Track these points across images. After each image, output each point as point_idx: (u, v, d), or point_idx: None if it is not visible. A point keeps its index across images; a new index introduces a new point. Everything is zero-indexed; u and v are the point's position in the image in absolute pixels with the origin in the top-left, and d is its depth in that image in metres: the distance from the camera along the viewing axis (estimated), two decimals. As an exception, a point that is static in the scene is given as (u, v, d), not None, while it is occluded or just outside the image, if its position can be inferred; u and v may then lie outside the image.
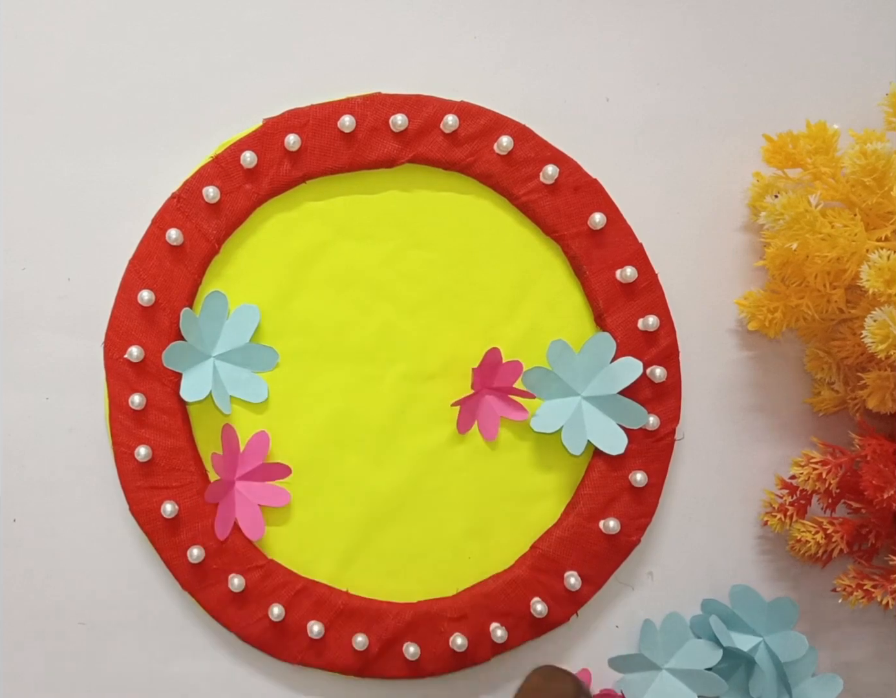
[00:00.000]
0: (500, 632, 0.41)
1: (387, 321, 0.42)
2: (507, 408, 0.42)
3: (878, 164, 0.37)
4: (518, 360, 0.42)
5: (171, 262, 0.41)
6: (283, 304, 0.42)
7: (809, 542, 0.40)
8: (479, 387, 0.42)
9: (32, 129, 0.42)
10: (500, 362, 0.41)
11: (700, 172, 0.44)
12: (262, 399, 0.41)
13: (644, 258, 0.42)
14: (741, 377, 0.44)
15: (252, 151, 0.41)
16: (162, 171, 0.42)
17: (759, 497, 0.44)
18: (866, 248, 0.38)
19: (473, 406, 0.42)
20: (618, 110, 0.44)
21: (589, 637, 0.43)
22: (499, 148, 0.41)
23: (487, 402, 0.42)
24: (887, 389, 0.40)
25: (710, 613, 0.42)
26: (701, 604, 0.43)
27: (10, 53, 0.42)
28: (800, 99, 0.44)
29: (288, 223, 0.42)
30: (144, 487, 0.41)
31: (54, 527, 0.42)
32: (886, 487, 0.38)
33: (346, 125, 0.41)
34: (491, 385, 0.42)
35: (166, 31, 0.43)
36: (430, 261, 0.42)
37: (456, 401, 0.41)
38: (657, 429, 0.42)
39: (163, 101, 0.43)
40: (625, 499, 0.42)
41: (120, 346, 0.41)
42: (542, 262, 0.43)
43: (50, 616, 0.42)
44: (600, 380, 0.41)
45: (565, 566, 0.42)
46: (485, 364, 0.41)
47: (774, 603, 0.42)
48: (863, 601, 0.40)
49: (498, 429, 0.42)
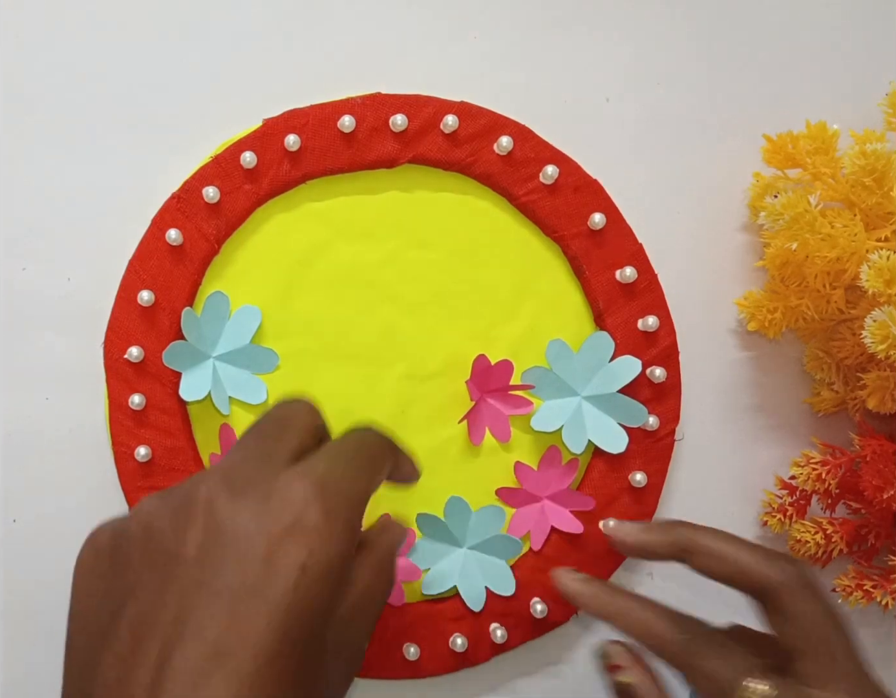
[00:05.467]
0: (500, 632, 0.41)
1: (387, 321, 0.42)
2: (512, 406, 0.42)
3: (878, 165, 0.37)
4: (507, 360, 0.42)
5: (171, 263, 0.41)
6: (282, 304, 0.42)
7: (809, 543, 0.40)
8: (478, 395, 0.42)
9: (32, 129, 0.42)
10: (490, 366, 0.41)
11: (700, 172, 0.44)
12: (261, 400, 0.41)
13: (644, 258, 0.42)
14: (741, 377, 0.44)
15: (252, 151, 0.41)
16: (162, 171, 0.42)
17: (758, 497, 0.44)
18: (866, 249, 0.38)
19: (480, 414, 0.42)
20: (618, 110, 0.44)
21: (589, 637, 0.43)
22: (499, 148, 0.41)
23: (492, 406, 0.42)
24: (887, 389, 0.40)
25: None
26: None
27: (10, 53, 0.42)
28: (800, 99, 0.44)
29: (288, 223, 0.42)
30: (144, 487, 0.41)
31: (54, 527, 0.42)
32: (886, 487, 0.38)
33: (346, 125, 0.41)
34: (487, 389, 0.42)
35: (166, 31, 0.43)
36: (430, 261, 0.42)
37: (462, 417, 0.41)
38: (657, 429, 0.42)
39: (163, 101, 0.43)
40: (625, 499, 0.42)
41: (120, 346, 0.41)
42: (542, 262, 0.43)
43: (50, 616, 0.42)
44: (600, 379, 0.41)
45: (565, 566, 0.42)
46: (475, 372, 0.41)
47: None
48: (862, 601, 0.40)
49: (510, 428, 0.42)
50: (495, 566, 0.41)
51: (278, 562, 0.25)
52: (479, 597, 0.41)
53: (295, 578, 0.25)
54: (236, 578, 0.25)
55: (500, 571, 0.41)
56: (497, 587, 0.41)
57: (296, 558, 0.25)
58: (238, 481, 0.27)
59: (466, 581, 0.41)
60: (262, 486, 0.27)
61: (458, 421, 0.41)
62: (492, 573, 0.41)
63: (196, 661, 0.24)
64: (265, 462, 0.28)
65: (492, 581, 0.41)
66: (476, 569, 0.41)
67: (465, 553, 0.41)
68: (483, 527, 0.41)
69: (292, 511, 0.26)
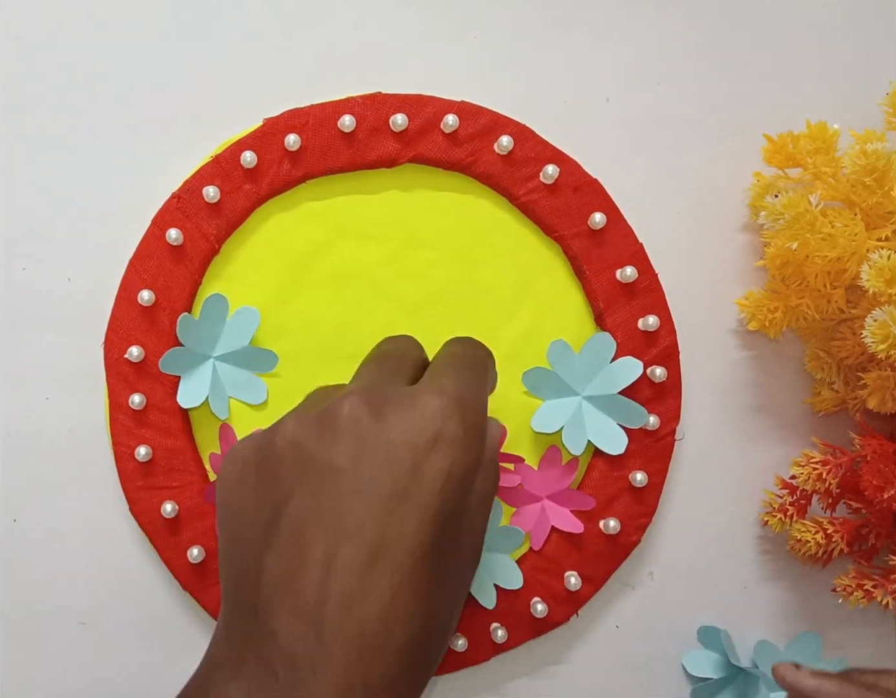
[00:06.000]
0: (500, 632, 0.41)
1: (387, 321, 0.42)
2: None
3: (879, 164, 0.37)
4: (501, 425, 0.41)
5: (172, 262, 0.41)
6: (282, 304, 0.42)
7: (809, 542, 0.40)
8: None
9: (32, 129, 0.42)
10: None
11: (700, 172, 0.44)
12: (261, 400, 0.41)
13: (644, 258, 0.42)
14: (741, 377, 0.44)
15: (252, 151, 0.41)
16: (162, 171, 0.42)
17: (759, 497, 0.44)
18: (866, 248, 0.38)
19: None
20: (618, 110, 0.44)
21: (589, 637, 0.43)
22: (499, 148, 0.41)
23: None
24: (887, 389, 0.40)
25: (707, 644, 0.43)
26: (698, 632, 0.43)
27: (10, 53, 0.42)
28: (800, 99, 0.44)
29: (288, 223, 0.42)
30: (144, 487, 0.41)
31: (54, 527, 0.42)
32: (886, 487, 0.38)
33: (347, 125, 0.41)
34: None
35: (166, 31, 0.43)
36: (430, 261, 0.42)
37: None
38: (657, 428, 0.42)
39: (163, 100, 0.43)
40: (625, 499, 0.42)
41: (120, 346, 0.41)
42: (542, 262, 0.43)
43: (50, 616, 0.42)
44: (600, 380, 0.41)
45: (565, 566, 0.42)
46: None
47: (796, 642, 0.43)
48: (863, 601, 0.40)
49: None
50: (500, 562, 0.41)
51: (425, 471, 0.28)
52: (490, 595, 0.41)
53: (441, 484, 0.28)
54: (388, 486, 0.28)
55: (505, 566, 0.41)
56: (505, 582, 0.41)
57: (441, 467, 0.28)
58: (377, 400, 0.30)
59: (475, 581, 0.41)
60: (401, 403, 0.29)
61: None
62: (498, 569, 0.41)
63: (359, 558, 0.27)
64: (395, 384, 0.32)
65: (499, 577, 0.41)
66: (481, 568, 0.41)
67: None
68: None
69: (433, 425, 0.29)
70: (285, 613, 0.27)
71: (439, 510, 0.28)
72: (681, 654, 0.43)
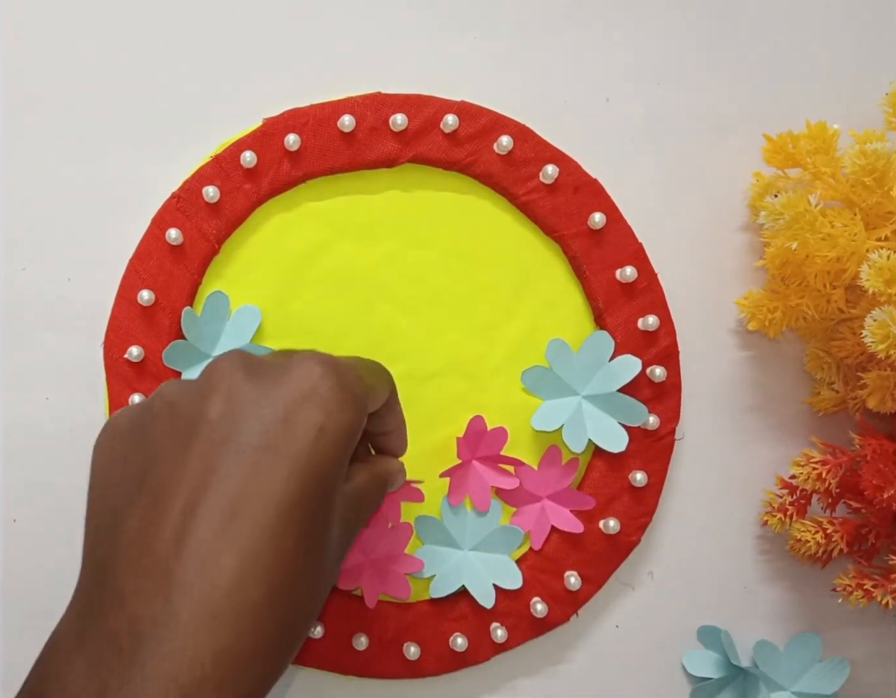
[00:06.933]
0: (500, 632, 0.41)
1: (387, 321, 0.42)
2: (497, 477, 0.41)
3: (878, 164, 0.37)
4: (503, 427, 0.41)
5: (171, 262, 0.41)
6: (282, 304, 0.42)
7: (809, 542, 0.40)
8: (466, 456, 0.41)
9: (33, 129, 0.42)
10: (485, 430, 0.41)
11: (700, 172, 0.44)
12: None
13: (644, 258, 0.42)
14: (741, 377, 0.44)
15: (252, 151, 0.41)
16: (162, 171, 0.42)
17: (759, 497, 0.44)
18: (866, 248, 0.38)
19: (464, 478, 0.41)
20: (618, 110, 0.44)
21: (589, 637, 0.43)
22: (499, 148, 0.41)
23: (477, 473, 0.41)
24: (887, 389, 0.40)
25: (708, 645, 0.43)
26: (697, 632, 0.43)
27: (10, 53, 0.42)
28: (800, 99, 0.44)
29: (288, 223, 0.42)
30: (144, 487, 0.41)
31: (54, 527, 0.42)
32: (886, 487, 0.38)
33: (346, 125, 0.41)
34: (476, 453, 0.41)
35: (167, 31, 0.43)
36: (430, 261, 0.42)
37: (445, 472, 0.41)
38: (657, 428, 0.42)
39: (163, 100, 0.43)
40: (625, 499, 0.42)
41: (120, 346, 0.41)
42: (542, 262, 0.43)
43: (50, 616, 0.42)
44: (600, 378, 0.41)
45: (565, 566, 0.42)
46: (469, 433, 0.41)
47: (793, 644, 0.43)
48: (863, 601, 0.40)
49: (490, 499, 0.41)
50: (499, 562, 0.41)
51: (297, 423, 0.27)
52: (488, 595, 0.41)
53: (313, 437, 0.27)
54: (256, 437, 0.27)
55: (504, 566, 0.41)
56: (504, 582, 0.41)
57: (314, 420, 0.27)
58: (255, 360, 0.29)
59: (473, 580, 0.41)
60: (277, 363, 0.29)
61: (439, 475, 0.41)
62: (497, 569, 0.41)
63: (219, 511, 0.26)
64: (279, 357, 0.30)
65: (498, 577, 0.41)
66: (481, 568, 0.41)
67: (467, 555, 0.41)
68: (482, 524, 0.41)
69: (309, 381, 0.28)
70: (133, 573, 0.26)
71: (309, 464, 0.27)
72: (681, 654, 0.43)
